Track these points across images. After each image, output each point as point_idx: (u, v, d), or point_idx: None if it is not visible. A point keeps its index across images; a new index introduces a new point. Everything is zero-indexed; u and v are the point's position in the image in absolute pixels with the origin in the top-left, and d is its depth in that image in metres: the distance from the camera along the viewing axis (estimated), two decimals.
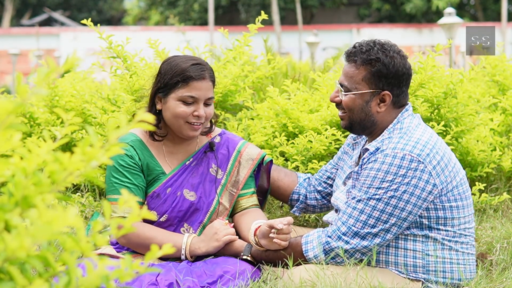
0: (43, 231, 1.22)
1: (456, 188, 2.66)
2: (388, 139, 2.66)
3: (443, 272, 2.66)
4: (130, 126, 1.35)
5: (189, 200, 2.84)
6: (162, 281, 2.55)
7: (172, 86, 2.75)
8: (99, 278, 1.32)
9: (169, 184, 2.83)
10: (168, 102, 2.77)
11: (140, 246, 2.76)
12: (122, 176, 2.78)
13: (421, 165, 2.56)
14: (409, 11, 26.21)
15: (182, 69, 2.74)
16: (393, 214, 2.58)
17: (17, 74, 1.29)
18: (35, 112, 4.14)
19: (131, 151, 2.80)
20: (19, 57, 21.37)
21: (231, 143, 2.98)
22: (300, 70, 8.97)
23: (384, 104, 2.69)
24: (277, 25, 20.42)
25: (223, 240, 2.74)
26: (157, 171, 2.84)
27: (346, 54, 2.74)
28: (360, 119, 2.71)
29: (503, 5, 19.84)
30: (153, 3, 29.44)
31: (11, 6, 30.80)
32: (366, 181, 2.61)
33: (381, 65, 2.65)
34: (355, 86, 2.68)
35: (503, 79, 4.69)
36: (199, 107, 2.75)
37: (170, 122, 2.79)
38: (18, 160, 1.34)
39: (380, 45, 2.69)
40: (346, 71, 2.71)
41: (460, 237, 2.69)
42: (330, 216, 2.92)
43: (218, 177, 2.91)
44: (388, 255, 2.68)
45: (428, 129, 2.73)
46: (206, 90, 2.76)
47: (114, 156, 2.77)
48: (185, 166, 2.88)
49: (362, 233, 2.60)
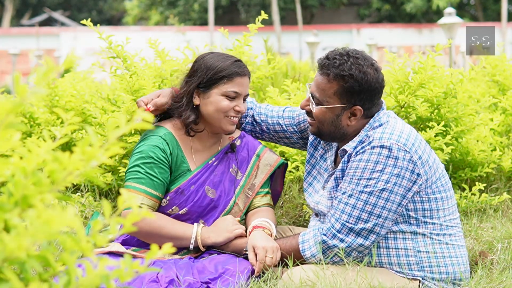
0: (42, 231, 1.22)
1: (439, 180, 2.67)
2: (371, 133, 2.64)
3: (437, 267, 2.67)
4: (129, 126, 1.35)
5: (209, 197, 2.90)
6: (163, 278, 2.58)
7: (216, 81, 2.81)
8: (99, 278, 1.32)
9: (193, 181, 2.88)
10: (211, 97, 2.83)
11: (150, 235, 2.78)
12: (149, 168, 2.80)
13: (407, 155, 2.57)
14: (409, 11, 26.21)
15: (227, 65, 2.82)
16: (385, 207, 2.58)
17: (16, 74, 1.29)
18: (35, 112, 4.14)
19: (164, 145, 2.84)
20: (19, 57, 21.38)
21: (251, 147, 3.05)
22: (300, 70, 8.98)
23: (355, 118, 2.67)
24: (277, 25, 20.43)
25: (234, 233, 2.81)
26: (183, 167, 2.89)
27: (319, 63, 2.69)
28: (329, 131, 2.70)
29: (503, 5, 19.85)
30: (153, 3, 29.46)
31: (11, 6, 30.81)
32: (356, 173, 2.61)
33: (354, 82, 2.60)
34: (326, 100, 2.65)
35: (503, 79, 4.69)
36: (240, 102, 2.84)
37: (211, 116, 2.84)
38: (18, 160, 1.34)
39: (354, 59, 2.63)
40: (319, 83, 2.67)
41: (447, 229, 2.70)
42: (312, 225, 2.91)
43: (237, 178, 2.98)
44: (380, 256, 2.68)
45: (406, 123, 2.73)
46: (246, 86, 2.87)
47: (147, 145, 2.82)
48: (208, 165, 2.93)
49: (356, 229, 2.60)
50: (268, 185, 3.06)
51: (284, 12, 27.38)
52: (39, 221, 1.22)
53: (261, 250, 2.68)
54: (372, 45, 17.61)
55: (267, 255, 2.67)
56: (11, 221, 1.27)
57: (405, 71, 3.68)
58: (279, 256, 2.70)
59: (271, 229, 2.85)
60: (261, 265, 2.66)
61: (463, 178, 3.87)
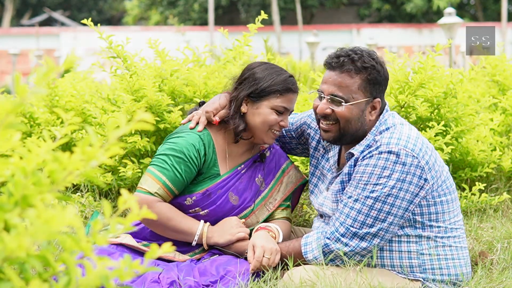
0: (42, 230, 1.22)
1: (444, 183, 2.67)
2: (378, 138, 2.65)
3: (439, 269, 2.67)
4: (129, 126, 1.35)
5: (231, 203, 2.90)
6: (164, 279, 2.59)
7: (268, 94, 2.80)
8: (99, 278, 1.32)
9: (221, 186, 2.88)
10: (260, 108, 2.82)
11: (156, 224, 2.78)
12: (177, 162, 2.79)
13: (415, 160, 2.56)
14: (409, 11, 26.21)
15: (282, 80, 2.82)
16: (390, 212, 2.58)
17: (16, 74, 1.29)
18: (35, 112, 4.14)
19: (200, 145, 2.84)
20: (19, 57, 21.38)
21: (279, 160, 3.06)
22: (300, 70, 8.99)
23: (375, 111, 2.68)
24: (277, 25, 20.43)
25: (236, 236, 2.81)
26: (214, 171, 2.89)
27: (333, 64, 2.66)
28: (355, 129, 2.67)
29: (503, 5, 19.86)
30: (153, 3, 29.46)
31: (11, 6, 30.81)
32: (363, 178, 2.60)
33: (376, 72, 2.63)
34: (352, 96, 2.63)
35: (503, 79, 4.69)
36: (286, 117, 2.85)
37: (256, 127, 2.84)
38: (18, 160, 1.34)
39: (365, 52, 2.66)
40: (339, 81, 2.64)
41: (451, 231, 2.70)
42: (316, 226, 2.91)
43: (261, 188, 2.98)
44: (383, 259, 2.68)
45: (412, 126, 2.74)
46: (294, 102, 2.87)
47: (183, 140, 2.81)
48: (237, 171, 2.93)
49: (360, 234, 2.60)
50: (289, 199, 3.08)
51: (284, 12, 27.38)
52: (39, 221, 1.22)
53: (259, 249, 2.68)
54: (372, 45, 17.61)
55: (265, 255, 2.67)
56: (11, 221, 1.27)
57: (405, 71, 3.68)
58: (277, 259, 2.69)
59: (277, 234, 2.85)
60: (257, 263, 2.66)
61: (463, 178, 3.87)
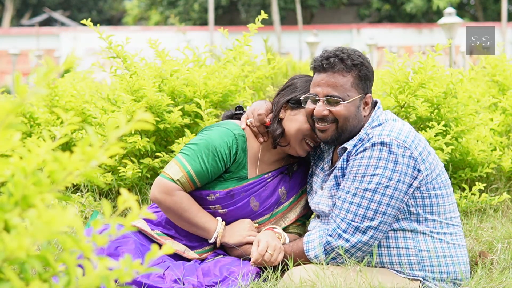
0: (42, 231, 1.21)
1: (439, 176, 2.69)
2: (370, 131, 2.68)
3: (438, 266, 2.67)
4: (129, 126, 1.35)
5: (251, 208, 2.91)
6: (169, 276, 2.61)
7: (305, 102, 2.79)
8: (99, 278, 1.32)
9: (245, 189, 2.89)
10: (297, 115, 2.84)
11: (171, 211, 2.78)
12: (206, 155, 2.79)
13: (407, 151, 2.60)
14: (409, 11, 26.21)
15: None
16: (390, 204, 2.59)
17: (16, 74, 1.29)
18: (35, 112, 4.14)
19: (233, 144, 2.84)
20: (19, 57, 21.38)
21: (303, 179, 3.05)
22: (300, 70, 8.99)
23: (368, 107, 2.73)
24: (277, 25, 20.42)
25: (246, 239, 2.83)
26: (242, 173, 2.89)
27: (324, 66, 2.69)
28: (353, 126, 2.70)
29: (503, 5, 19.85)
30: (153, 3, 29.45)
31: (11, 6, 30.81)
32: (359, 170, 2.62)
33: (365, 68, 2.69)
34: (347, 94, 2.68)
35: (503, 79, 4.69)
36: None
37: (291, 134, 2.84)
38: (18, 160, 1.34)
39: (352, 51, 2.73)
40: (332, 82, 2.68)
41: (447, 227, 2.71)
42: (313, 226, 2.91)
43: (282, 200, 2.98)
44: (382, 256, 2.68)
45: (405, 122, 2.77)
46: None
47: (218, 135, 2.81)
48: (263, 178, 2.94)
49: (362, 227, 2.61)
50: (308, 217, 3.09)
51: (284, 12, 27.37)
52: (39, 221, 1.22)
53: (264, 243, 2.70)
54: (372, 45, 17.60)
55: (268, 250, 2.69)
56: (11, 221, 1.27)
57: (405, 71, 3.68)
58: (280, 258, 2.70)
59: (282, 237, 2.86)
60: (259, 256, 2.67)
61: (463, 178, 3.88)
